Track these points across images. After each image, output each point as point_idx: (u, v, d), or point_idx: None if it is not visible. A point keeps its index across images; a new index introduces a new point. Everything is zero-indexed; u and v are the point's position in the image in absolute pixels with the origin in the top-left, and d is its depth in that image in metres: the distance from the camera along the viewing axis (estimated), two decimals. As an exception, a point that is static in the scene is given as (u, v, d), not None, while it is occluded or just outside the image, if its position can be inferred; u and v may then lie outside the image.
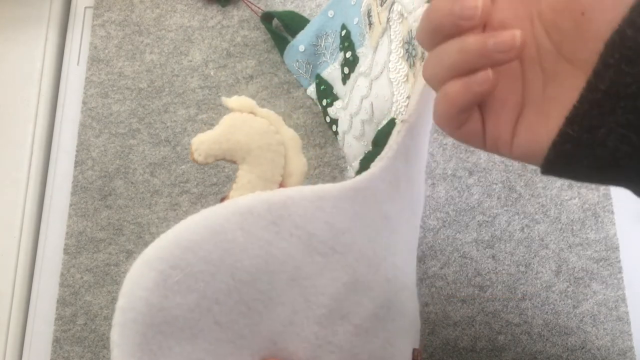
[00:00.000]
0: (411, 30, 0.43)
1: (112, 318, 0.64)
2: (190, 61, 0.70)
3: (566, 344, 0.56)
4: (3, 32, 0.75)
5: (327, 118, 0.63)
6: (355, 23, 0.57)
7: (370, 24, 0.52)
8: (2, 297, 0.65)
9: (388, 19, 0.47)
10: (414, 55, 0.44)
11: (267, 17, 0.68)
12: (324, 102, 0.63)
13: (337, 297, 0.37)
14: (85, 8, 0.76)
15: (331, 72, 0.63)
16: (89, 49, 0.73)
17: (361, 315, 0.38)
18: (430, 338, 0.58)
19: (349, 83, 0.59)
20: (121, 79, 0.71)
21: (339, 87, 0.62)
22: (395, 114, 0.46)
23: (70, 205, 0.67)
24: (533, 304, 0.57)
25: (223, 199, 0.38)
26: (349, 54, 0.58)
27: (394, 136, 0.40)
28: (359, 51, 0.57)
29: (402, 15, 0.44)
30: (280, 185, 0.39)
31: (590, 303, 0.57)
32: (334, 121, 0.62)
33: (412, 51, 0.44)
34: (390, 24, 0.47)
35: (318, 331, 0.37)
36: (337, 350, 0.37)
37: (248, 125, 0.37)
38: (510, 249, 0.59)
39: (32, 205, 0.69)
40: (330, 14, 0.62)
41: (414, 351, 0.43)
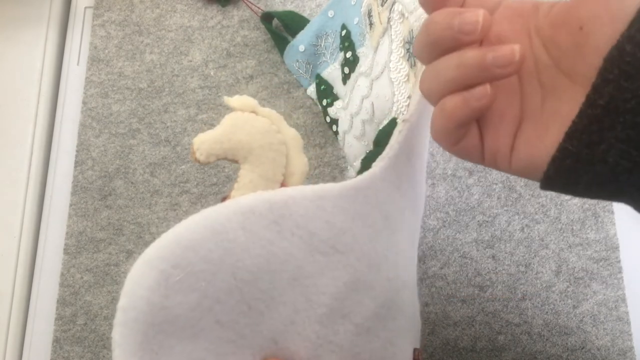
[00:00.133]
0: (412, 30, 0.43)
1: (112, 318, 0.64)
2: (190, 61, 0.70)
3: (566, 344, 0.56)
4: (3, 32, 0.75)
5: (328, 118, 0.63)
6: (355, 23, 0.57)
7: (371, 23, 0.52)
8: (2, 297, 0.65)
9: (389, 18, 0.47)
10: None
11: (267, 17, 0.68)
12: (324, 102, 0.63)
13: (338, 297, 0.37)
14: (85, 8, 0.76)
15: (331, 72, 0.63)
16: (89, 49, 0.73)
17: (362, 314, 0.38)
18: (430, 338, 0.58)
19: (350, 83, 0.59)
20: (121, 79, 0.71)
21: (339, 87, 0.62)
22: (397, 113, 0.46)
23: (70, 205, 0.67)
24: (533, 304, 0.57)
25: (224, 198, 0.38)
26: (349, 54, 0.58)
27: (396, 136, 0.40)
28: (360, 51, 0.57)
29: (403, 15, 0.44)
30: (282, 185, 0.39)
31: (590, 303, 0.57)
32: (334, 121, 0.62)
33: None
34: (391, 23, 0.47)
35: (319, 330, 0.37)
36: (338, 349, 0.37)
37: (250, 125, 0.37)
38: (510, 249, 0.59)
39: (32, 205, 0.69)
40: (330, 14, 0.62)
41: (414, 351, 0.43)
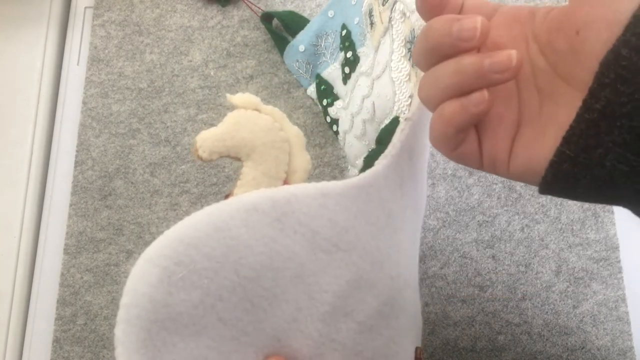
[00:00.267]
0: (413, 29, 0.43)
1: (112, 318, 0.65)
2: (190, 61, 0.70)
3: (566, 344, 0.56)
4: (3, 32, 0.75)
5: (328, 118, 0.63)
6: (355, 23, 0.57)
7: (372, 23, 0.53)
8: (2, 297, 0.65)
9: (390, 18, 0.47)
10: (416, 55, 0.44)
11: (267, 17, 0.68)
12: (325, 102, 0.63)
13: (341, 295, 0.37)
14: (85, 8, 0.76)
15: (331, 72, 0.63)
16: (89, 49, 0.73)
17: (365, 312, 0.38)
18: (430, 338, 0.58)
19: (350, 83, 0.59)
20: (121, 79, 0.71)
21: (339, 87, 0.62)
22: (398, 112, 0.46)
23: (70, 205, 0.67)
24: (533, 304, 0.58)
25: (227, 195, 0.38)
26: (349, 54, 0.58)
27: (398, 134, 0.40)
28: (360, 51, 0.57)
29: (405, 15, 0.45)
30: (285, 183, 0.39)
31: (590, 303, 0.57)
32: (335, 121, 0.62)
33: (415, 50, 0.44)
34: (392, 23, 0.47)
35: (322, 328, 0.37)
36: (341, 347, 0.37)
37: (252, 122, 0.37)
38: (510, 249, 0.59)
39: (32, 205, 0.69)
40: (330, 14, 0.62)
41: (416, 349, 0.43)
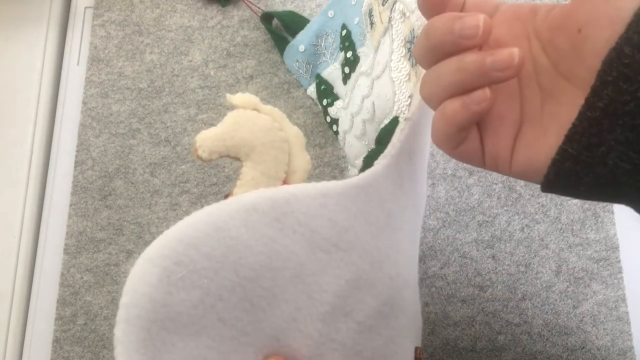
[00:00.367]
0: (413, 29, 0.43)
1: (112, 318, 0.64)
2: (190, 61, 0.70)
3: (566, 344, 0.56)
4: (3, 32, 0.75)
5: (328, 118, 0.63)
6: (355, 23, 0.57)
7: (372, 23, 0.53)
8: (2, 297, 0.65)
9: (390, 18, 0.47)
10: (416, 55, 0.44)
11: (267, 17, 0.68)
12: (325, 102, 0.63)
13: (341, 295, 0.37)
14: (85, 8, 0.76)
15: (331, 72, 0.63)
16: (89, 49, 0.73)
17: (364, 312, 0.38)
18: (430, 338, 0.58)
19: (350, 83, 0.59)
20: (121, 79, 0.71)
21: (339, 87, 0.62)
22: (398, 112, 0.46)
23: (70, 205, 0.67)
24: (533, 304, 0.57)
25: (227, 195, 0.38)
26: (349, 54, 0.58)
27: (397, 134, 0.40)
28: (360, 51, 0.57)
29: (404, 15, 0.45)
30: (284, 182, 0.39)
31: (590, 303, 0.57)
32: (335, 121, 0.62)
33: (415, 50, 0.44)
34: (392, 23, 0.47)
35: (321, 328, 0.37)
36: (340, 347, 0.37)
37: (252, 122, 0.37)
38: (510, 249, 0.59)
39: (32, 205, 0.69)
40: (330, 14, 0.62)
41: (416, 349, 0.43)
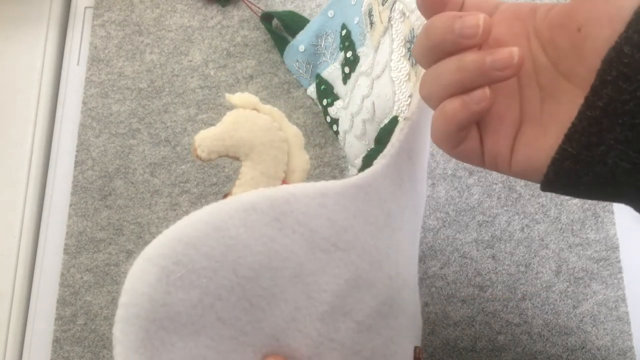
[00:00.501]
0: (413, 29, 0.43)
1: (112, 318, 0.64)
2: (190, 61, 0.70)
3: (566, 344, 0.56)
4: (3, 32, 0.75)
5: (328, 118, 0.63)
6: (355, 23, 0.57)
7: (372, 23, 0.53)
8: (2, 297, 0.65)
9: (389, 17, 0.47)
10: (416, 54, 0.44)
11: (267, 17, 0.68)
12: (325, 102, 0.63)
13: (340, 294, 0.37)
14: (85, 8, 0.76)
15: (331, 72, 0.63)
16: (89, 49, 0.73)
17: (364, 312, 0.38)
18: (430, 338, 0.58)
19: (350, 82, 0.59)
20: (121, 79, 0.71)
21: (339, 87, 0.62)
22: (398, 112, 0.46)
23: (70, 205, 0.67)
24: (533, 304, 0.57)
25: (226, 195, 0.38)
26: (349, 54, 0.58)
27: (397, 134, 0.40)
28: (360, 51, 0.57)
29: (404, 14, 0.45)
30: (283, 182, 0.39)
31: (590, 303, 0.57)
32: (335, 121, 0.62)
33: (415, 50, 0.44)
34: (392, 23, 0.47)
35: (320, 328, 0.37)
36: (340, 347, 0.37)
37: (251, 122, 0.37)
38: (510, 249, 0.59)
39: (32, 205, 0.69)
40: (330, 13, 0.62)
41: (415, 349, 0.43)
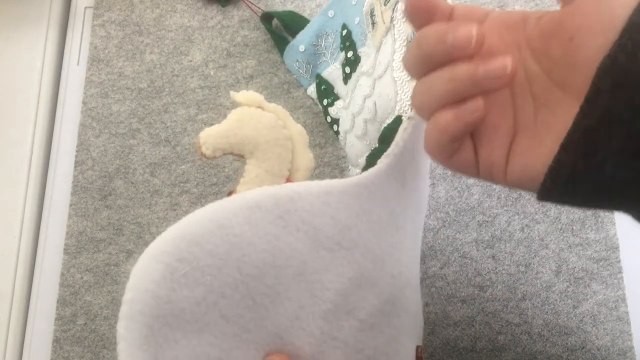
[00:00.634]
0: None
1: (112, 318, 0.64)
2: (190, 61, 0.70)
3: (566, 344, 0.56)
4: (3, 32, 0.75)
5: (328, 118, 0.63)
6: (356, 23, 0.57)
7: (374, 23, 0.53)
8: (2, 297, 0.65)
9: (392, 18, 0.47)
10: (419, 54, 0.44)
11: (267, 17, 0.68)
12: (325, 102, 0.63)
13: (343, 293, 0.37)
14: (85, 8, 0.76)
15: (332, 72, 0.63)
16: (89, 49, 0.73)
17: (366, 310, 0.38)
18: (430, 338, 0.58)
19: (351, 82, 0.59)
20: (121, 79, 0.71)
21: (340, 87, 0.62)
22: (400, 112, 0.46)
23: (70, 205, 0.67)
24: (533, 304, 0.58)
25: (230, 192, 0.38)
26: (350, 54, 0.58)
27: (401, 133, 0.40)
28: (361, 51, 0.57)
29: (406, 14, 0.45)
30: (287, 180, 0.39)
31: (590, 303, 0.57)
32: (335, 121, 0.62)
33: (417, 50, 0.44)
34: (394, 23, 0.47)
35: (324, 326, 0.37)
36: (343, 345, 0.37)
37: (256, 120, 0.37)
38: (510, 249, 0.59)
39: (32, 205, 0.69)
40: (330, 13, 0.62)
41: (417, 348, 0.43)
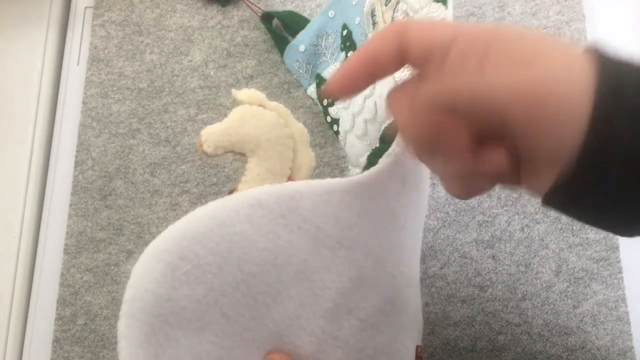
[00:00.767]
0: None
1: (112, 318, 0.64)
2: (190, 61, 0.70)
3: (566, 344, 0.56)
4: (3, 32, 0.75)
5: (328, 118, 0.63)
6: (356, 23, 0.57)
7: (375, 23, 0.53)
8: (2, 297, 0.65)
9: (393, 18, 0.47)
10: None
11: (267, 17, 0.68)
12: (325, 102, 0.63)
13: (344, 292, 0.37)
14: (85, 8, 0.76)
15: (332, 72, 0.63)
16: (89, 49, 0.73)
17: (367, 310, 0.38)
18: (430, 338, 0.58)
19: (351, 82, 0.59)
20: (121, 79, 0.71)
21: (340, 87, 0.62)
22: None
23: (70, 205, 0.67)
24: (533, 304, 0.58)
25: (232, 191, 0.38)
26: (350, 54, 0.58)
27: None
28: (361, 51, 0.57)
29: (408, 15, 0.45)
30: (289, 179, 0.39)
31: (590, 303, 0.57)
32: (335, 121, 0.62)
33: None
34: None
35: (324, 325, 0.37)
36: (343, 344, 0.37)
37: (257, 118, 0.37)
38: (510, 249, 0.59)
39: (32, 205, 0.69)
40: (330, 13, 0.62)
41: (417, 348, 0.43)
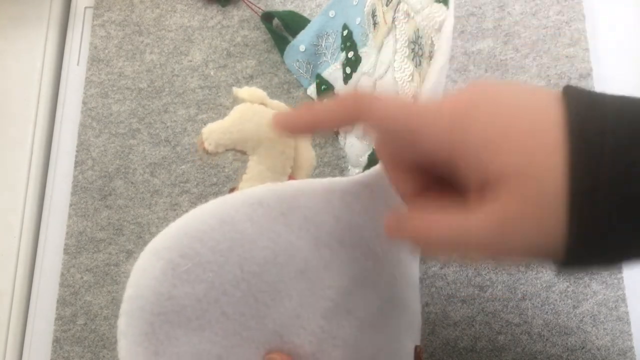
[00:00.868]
0: (417, 30, 0.43)
1: (112, 318, 0.64)
2: (190, 61, 0.70)
3: (566, 344, 0.56)
4: (3, 32, 0.75)
5: (328, 118, 0.63)
6: (357, 23, 0.57)
7: (375, 23, 0.53)
8: (2, 297, 0.65)
9: (394, 18, 0.47)
10: (421, 55, 0.44)
11: (267, 17, 0.68)
12: (325, 102, 0.63)
13: (344, 291, 0.37)
14: (85, 8, 0.76)
15: (332, 72, 0.63)
16: (89, 49, 0.73)
17: (367, 309, 0.38)
18: (430, 338, 0.58)
19: (351, 83, 0.59)
20: (121, 79, 0.71)
21: (340, 87, 0.62)
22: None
23: (70, 205, 0.67)
24: (533, 304, 0.57)
25: (232, 189, 0.38)
26: (351, 54, 0.58)
27: None
28: (362, 51, 0.57)
29: (409, 15, 0.45)
30: (290, 178, 0.39)
31: (590, 303, 0.57)
32: (335, 121, 0.62)
33: (419, 50, 0.44)
34: (396, 23, 0.47)
35: (324, 325, 0.36)
36: (343, 344, 0.37)
37: (259, 117, 0.37)
38: (511, 249, 0.59)
39: (32, 205, 0.69)
40: (331, 14, 0.62)
41: (416, 348, 0.43)
